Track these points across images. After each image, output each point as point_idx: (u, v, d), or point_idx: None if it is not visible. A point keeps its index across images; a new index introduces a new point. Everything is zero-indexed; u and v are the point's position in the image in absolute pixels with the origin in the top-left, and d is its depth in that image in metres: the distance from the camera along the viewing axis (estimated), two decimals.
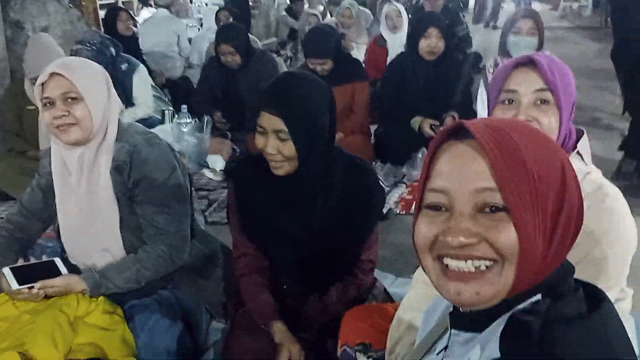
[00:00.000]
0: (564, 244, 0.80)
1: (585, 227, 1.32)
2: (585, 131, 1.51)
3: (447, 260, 0.80)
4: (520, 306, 0.79)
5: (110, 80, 1.86)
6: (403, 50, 4.15)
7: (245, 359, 1.70)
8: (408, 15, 5.60)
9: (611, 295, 0.91)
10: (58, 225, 1.94)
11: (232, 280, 1.97)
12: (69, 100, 1.73)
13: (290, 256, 1.78)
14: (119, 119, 1.87)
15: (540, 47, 3.15)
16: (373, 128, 4.17)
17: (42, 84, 1.73)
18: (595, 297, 0.79)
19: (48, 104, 1.73)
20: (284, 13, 8.58)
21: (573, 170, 0.81)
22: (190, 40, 6.39)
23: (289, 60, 6.57)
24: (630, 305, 1.45)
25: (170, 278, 1.93)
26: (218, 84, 4.20)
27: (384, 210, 3.14)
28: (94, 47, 3.85)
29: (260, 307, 1.76)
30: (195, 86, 4.86)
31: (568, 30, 10.78)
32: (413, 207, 3.27)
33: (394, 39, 5.07)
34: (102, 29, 5.68)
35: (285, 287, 1.83)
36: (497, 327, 0.79)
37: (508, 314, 0.79)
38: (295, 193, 1.72)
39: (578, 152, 1.46)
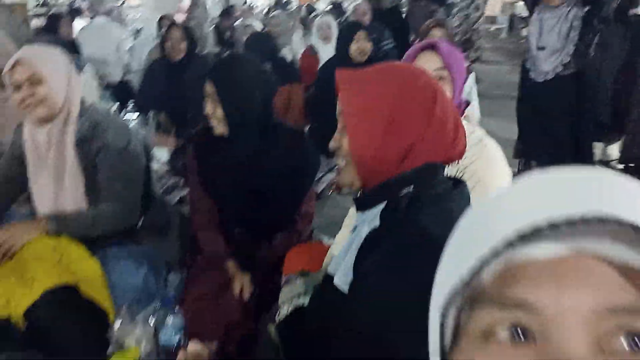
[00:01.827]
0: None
1: (471, 169, 1.76)
2: (470, 102, 1.95)
3: None
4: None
5: (72, 63, 2.10)
6: None
7: (203, 290, 1.98)
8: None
9: None
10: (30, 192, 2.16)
11: (187, 239, 2.28)
12: (33, 82, 1.97)
13: (241, 209, 2.10)
14: (81, 99, 2.11)
15: None
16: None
17: (11, 70, 1.97)
18: (458, 185, 1.14)
19: (16, 88, 1.99)
20: (211, 28, 8.78)
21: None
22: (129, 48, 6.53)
23: None
24: None
25: (136, 234, 2.21)
26: (161, 84, 4.30)
27: (318, 190, 3.53)
28: None
29: (216, 251, 2.07)
30: (136, 89, 5.02)
31: None
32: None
33: (325, 49, 5.43)
34: None
35: (236, 236, 2.14)
36: (379, 208, 1.12)
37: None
38: (237, 153, 2.05)
39: (466, 117, 1.88)
